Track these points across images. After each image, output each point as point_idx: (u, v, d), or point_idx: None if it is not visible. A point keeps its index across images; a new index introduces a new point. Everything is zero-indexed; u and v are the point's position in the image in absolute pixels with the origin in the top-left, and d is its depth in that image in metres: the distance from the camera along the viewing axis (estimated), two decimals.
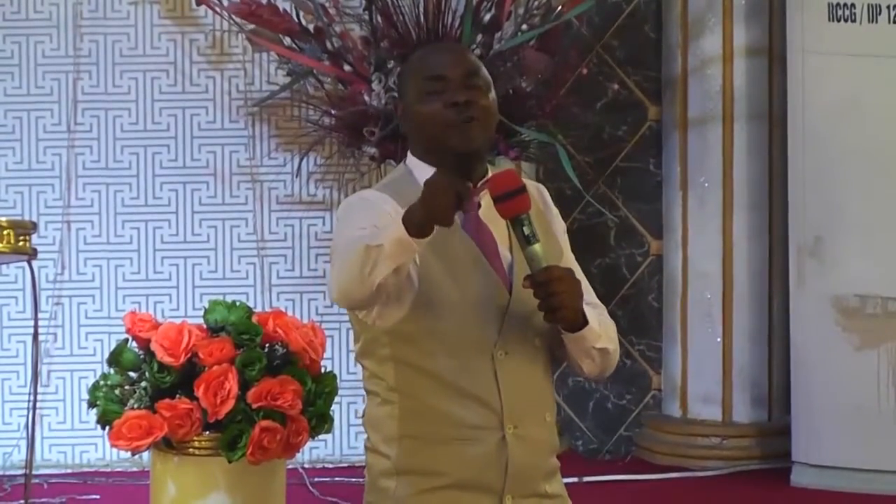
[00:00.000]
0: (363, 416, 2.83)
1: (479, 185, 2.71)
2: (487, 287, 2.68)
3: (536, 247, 2.60)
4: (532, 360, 2.72)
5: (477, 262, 2.68)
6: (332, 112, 5.27)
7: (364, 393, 2.82)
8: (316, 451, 5.56)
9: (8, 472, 5.29)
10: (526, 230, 2.59)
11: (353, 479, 4.90)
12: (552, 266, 2.61)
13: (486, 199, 2.71)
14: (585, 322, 2.69)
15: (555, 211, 2.88)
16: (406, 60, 2.87)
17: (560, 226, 2.88)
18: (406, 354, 2.69)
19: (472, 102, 2.67)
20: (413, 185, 2.70)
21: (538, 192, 2.86)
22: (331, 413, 3.74)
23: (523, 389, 2.71)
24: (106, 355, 3.82)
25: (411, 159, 2.79)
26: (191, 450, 3.61)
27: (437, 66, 2.72)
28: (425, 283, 2.64)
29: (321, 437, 3.97)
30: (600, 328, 2.74)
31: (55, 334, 5.60)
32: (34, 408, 3.75)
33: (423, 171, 2.72)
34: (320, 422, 3.70)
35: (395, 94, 4.89)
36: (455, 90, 2.68)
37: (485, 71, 2.74)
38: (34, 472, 4.60)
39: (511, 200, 2.59)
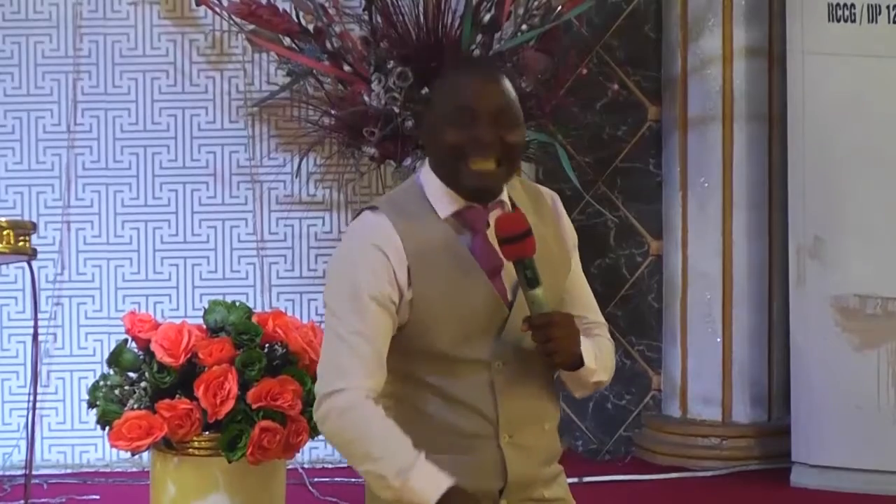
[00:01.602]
0: None
1: (489, 205, 2.70)
2: (486, 305, 2.66)
3: (538, 291, 2.60)
4: (531, 370, 2.71)
5: (477, 281, 2.65)
6: (332, 112, 5.27)
7: None
8: (316, 451, 5.56)
9: (8, 473, 5.29)
10: (528, 273, 2.59)
11: (353, 480, 4.90)
12: (552, 312, 2.62)
13: (494, 218, 2.69)
14: (582, 363, 2.70)
15: (567, 222, 2.85)
16: (441, 74, 2.79)
17: (571, 238, 2.85)
18: (402, 365, 2.68)
19: (496, 142, 2.62)
20: (422, 205, 2.68)
21: (552, 202, 2.83)
22: None
23: (521, 399, 2.71)
24: (106, 356, 3.82)
25: (426, 173, 2.73)
26: (191, 450, 3.62)
27: (469, 96, 2.63)
28: (422, 303, 2.63)
29: (321, 437, 3.97)
30: (597, 363, 2.75)
31: (55, 335, 5.60)
32: (34, 408, 3.76)
33: (435, 190, 2.70)
34: None
35: (397, 97, 4.90)
36: (483, 127, 2.61)
37: (516, 106, 2.67)
38: (34, 473, 4.59)
39: (515, 244, 2.59)
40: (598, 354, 2.77)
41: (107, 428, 3.62)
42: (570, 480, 5.27)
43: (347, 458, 2.63)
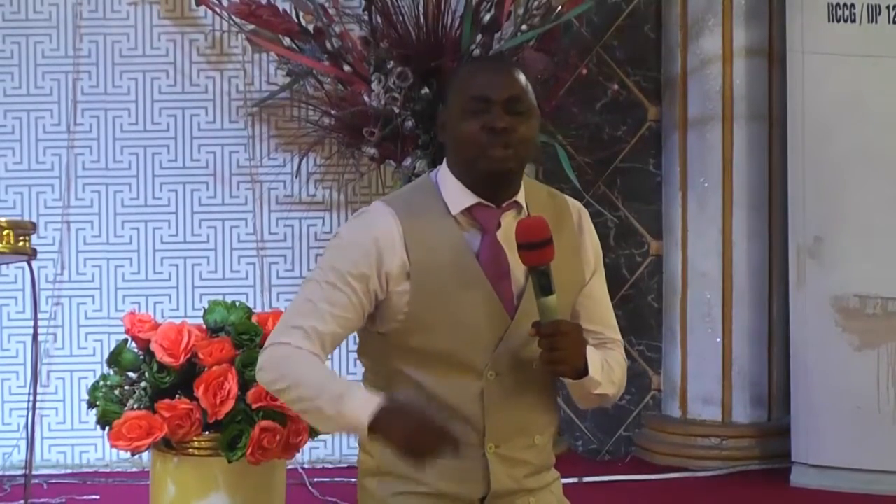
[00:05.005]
0: None
1: (504, 204, 2.70)
2: (486, 313, 2.67)
3: (551, 298, 2.59)
4: (526, 382, 2.71)
5: (479, 288, 2.66)
6: (332, 112, 5.27)
7: None
8: (316, 451, 5.56)
9: (8, 473, 5.29)
10: (543, 281, 2.59)
11: (353, 480, 4.86)
12: (561, 321, 2.62)
13: (506, 220, 2.70)
14: (586, 373, 2.70)
15: (590, 239, 2.86)
16: (454, 72, 2.81)
17: (594, 255, 2.86)
18: (397, 361, 2.70)
19: (510, 129, 2.63)
20: (433, 202, 2.69)
21: (578, 216, 2.84)
22: None
23: (511, 411, 2.70)
24: (105, 356, 3.82)
25: (444, 171, 2.74)
26: (191, 450, 3.62)
27: (483, 86, 2.66)
28: (420, 302, 2.64)
29: (321, 437, 3.97)
30: (602, 374, 2.75)
31: (55, 335, 5.60)
32: (34, 408, 3.75)
33: (450, 187, 2.71)
34: None
35: (397, 97, 4.90)
36: (496, 115, 2.63)
37: (530, 95, 2.69)
38: (34, 473, 4.59)
39: (535, 251, 2.59)
40: (606, 367, 2.77)
41: (107, 428, 3.62)
42: (570, 480, 5.29)
43: (286, 402, 2.72)
